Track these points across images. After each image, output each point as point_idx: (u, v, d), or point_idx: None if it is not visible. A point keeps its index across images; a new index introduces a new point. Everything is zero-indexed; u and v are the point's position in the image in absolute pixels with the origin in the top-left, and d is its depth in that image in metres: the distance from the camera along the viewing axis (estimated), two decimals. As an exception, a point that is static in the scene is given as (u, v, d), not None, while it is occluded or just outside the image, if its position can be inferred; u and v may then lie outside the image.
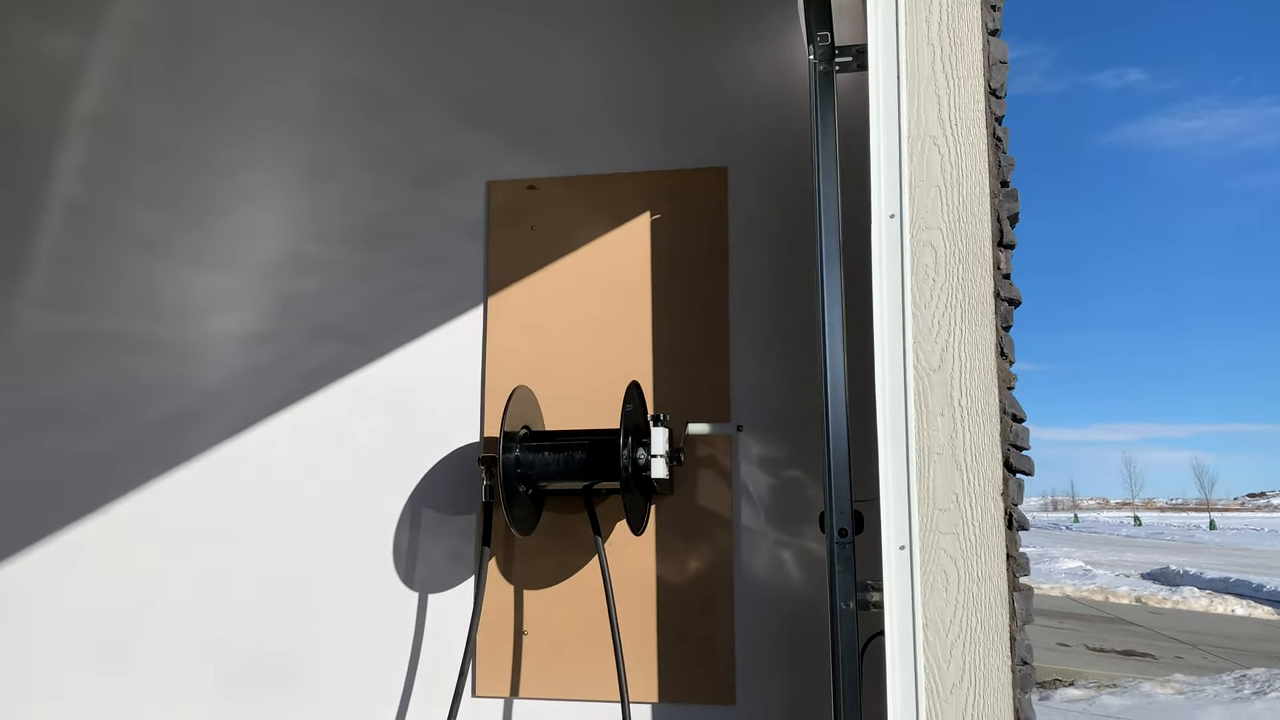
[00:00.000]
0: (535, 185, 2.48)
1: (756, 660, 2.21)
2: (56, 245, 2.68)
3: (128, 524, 2.54)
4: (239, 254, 2.60)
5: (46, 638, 2.51)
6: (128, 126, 2.70)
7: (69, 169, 2.70)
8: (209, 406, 2.56)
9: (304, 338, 2.55)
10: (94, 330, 2.64)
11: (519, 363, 2.40)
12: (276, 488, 2.50)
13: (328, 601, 2.42)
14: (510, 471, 2.09)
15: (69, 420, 2.61)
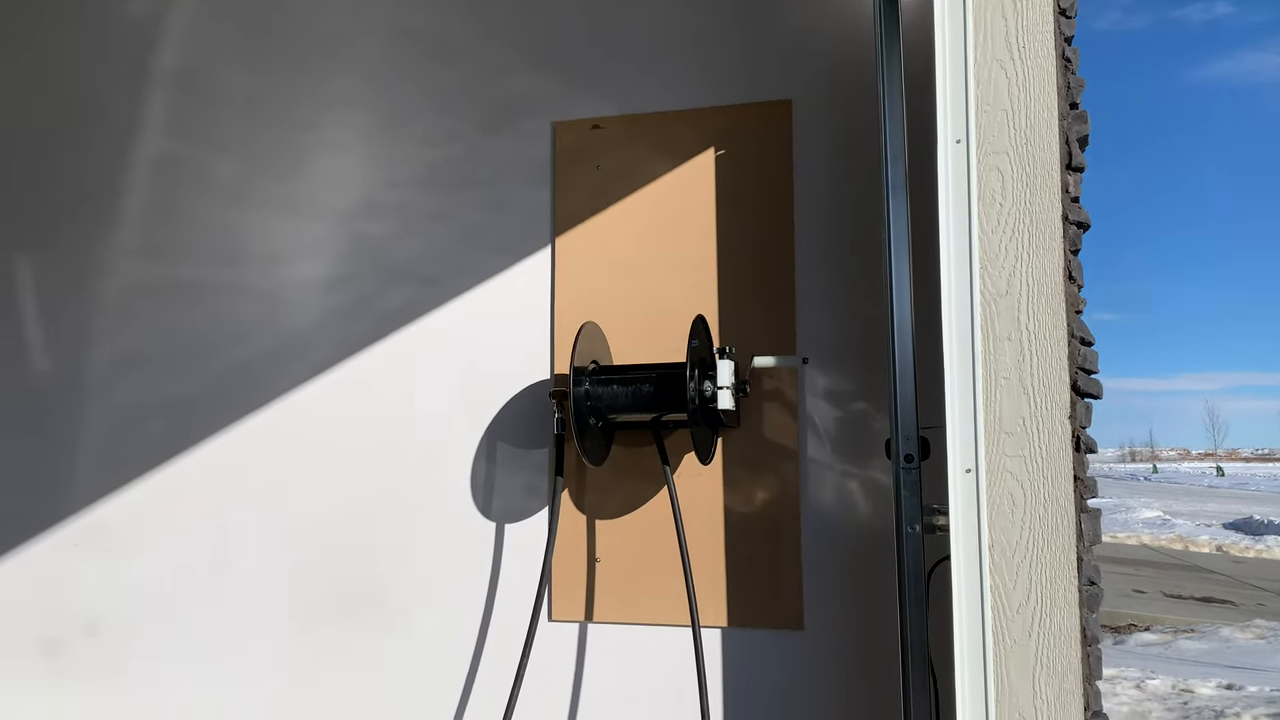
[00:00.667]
0: (600, 124, 2.51)
1: (823, 587, 2.26)
2: (146, 198, 2.80)
3: (217, 463, 2.67)
4: (318, 201, 2.69)
5: (145, 569, 2.67)
6: (210, 82, 2.79)
7: (156, 124, 2.81)
8: (291, 349, 2.67)
9: (380, 281, 2.63)
10: (182, 278, 2.76)
11: (587, 300, 2.46)
12: (358, 425, 2.60)
13: (409, 533, 2.53)
14: (581, 405, 2.16)
15: (160, 365, 2.74)
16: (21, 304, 2.83)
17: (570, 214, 2.51)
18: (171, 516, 2.67)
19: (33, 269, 2.83)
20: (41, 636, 2.69)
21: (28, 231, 2.84)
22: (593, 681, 2.38)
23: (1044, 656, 1.69)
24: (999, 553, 1.71)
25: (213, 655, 2.60)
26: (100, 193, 2.81)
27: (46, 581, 2.70)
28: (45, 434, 2.76)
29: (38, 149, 2.87)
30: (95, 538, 2.70)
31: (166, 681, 2.61)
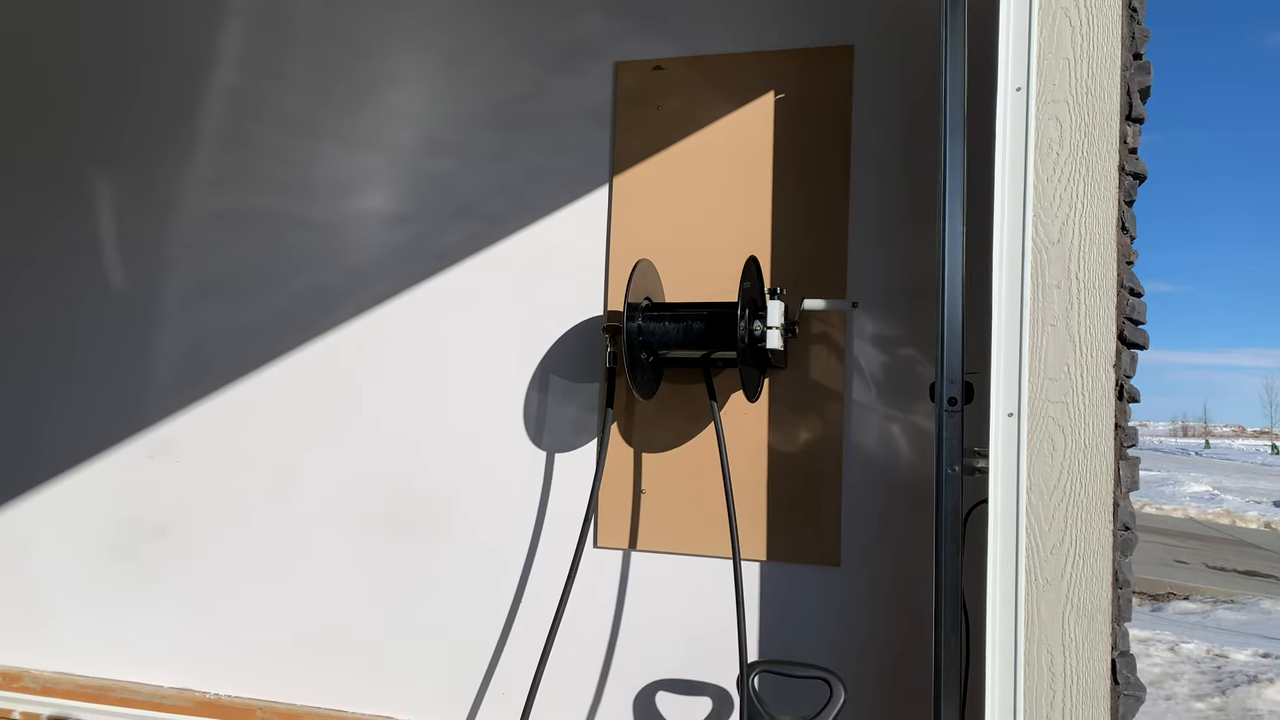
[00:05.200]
0: (662, 66, 2.54)
1: (862, 525, 2.32)
2: (218, 128, 2.90)
3: (282, 385, 2.79)
4: (383, 136, 2.76)
5: (213, 481, 2.81)
6: (281, 14, 2.86)
7: (229, 56, 2.89)
8: (355, 279, 2.76)
9: (441, 216, 2.70)
10: (251, 208, 2.86)
11: (642, 239, 2.51)
12: (418, 354, 2.70)
13: (465, 458, 2.63)
14: (633, 339, 2.22)
15: (229, 291, 2.85)
16: (102, 230, 2.95)
17: (629, 154, 2.56)
18: (239, 434, 2.80)
19: (114, 196, 2.95)
20: (117, 539, 2.86)
21: (109, 160, 2.96)
22: (633, 606, 2.48)
23: (1074, 597, 1.74)
24: (1036, 495, 1.76)
25: (274, 562, 2.74)
26: (177, 123, 2.91)
27: (123, 488, 2.86)
28: (124, 352, 2.90)
29: (121, 81, 2.97)
30: (167, 450, 2.84)
31: (230, 585, 2.76)
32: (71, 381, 2.93)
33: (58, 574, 2.91)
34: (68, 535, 2.90)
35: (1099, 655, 1.73)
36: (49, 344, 2.96)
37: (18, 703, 2.84)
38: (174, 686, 2.78)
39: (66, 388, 2.94)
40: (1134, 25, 1.80)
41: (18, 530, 2.94)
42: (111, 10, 3.00)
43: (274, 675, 2.72)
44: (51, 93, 3.03)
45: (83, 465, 2.89)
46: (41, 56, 3.05)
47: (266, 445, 2.78)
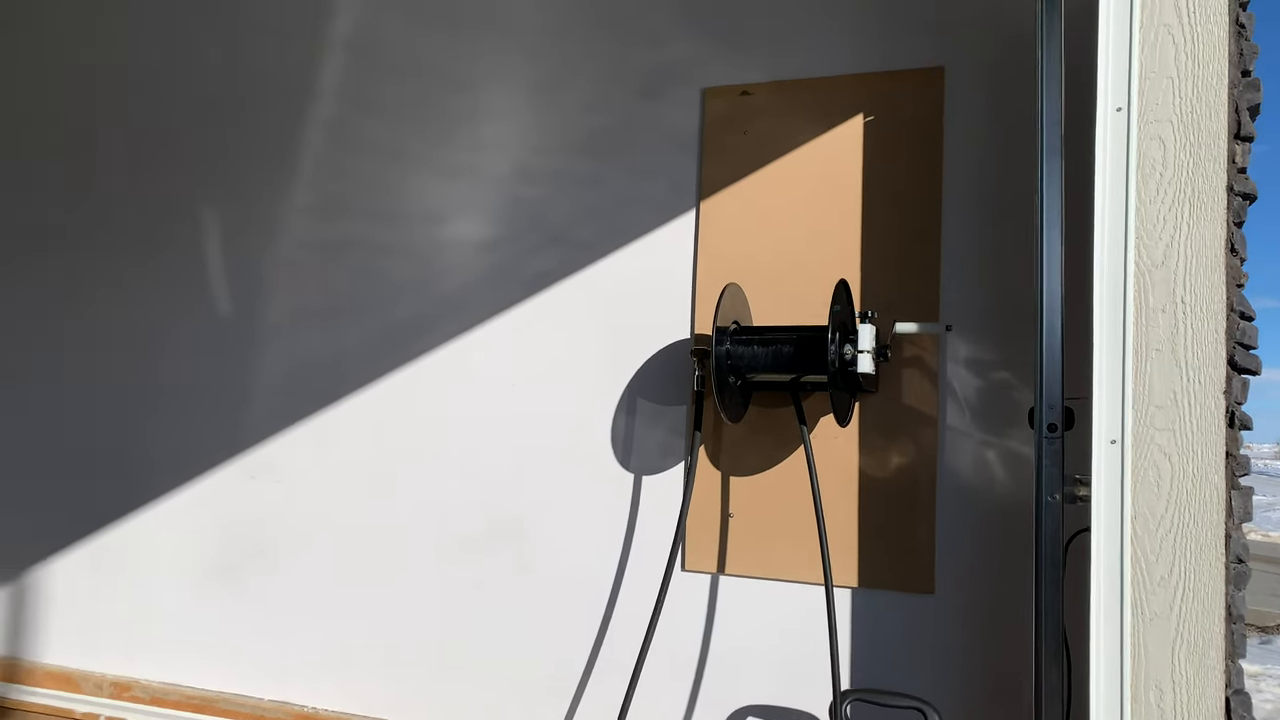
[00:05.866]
0: (749, 91, 2.56)
1: (957, 552, 2.28)
2: (317, 160, 3.01)
3: (377, 409, 2.87)
4: (476, 165, 2.83)
5: (317, 499, 2.90)
6: (377, 48, 2.96)
7: (328, 89, 3.00)
8: (447, 305, 2.83)
9: (531, 242, 2.76)
10: (348, 236, 2.96)
11: (728, 263, 2.52)
12: (507, 378, 2.75)
13: (554, 480, 2.67)
14: (722, 363, 2.23)
15: (329, 316, 2.95)
16: (210, 256, 3.08)
17: (716, 178, 2.57)
18: (334, 455, 2.88)
19: (220, 225, 3.08)
20: (221, 556, 2.96)
21: (218, 189, 3.09)
22: (721, 630, 2.47)
23: (1185, 631, 1.68)
24: (1141, 525, 1.71)
25: (369, 581, 2.81)
26: (279, 155, 3.03)
27: (226, 507, 2.97)
28: (227, 375, 3.02)
29: (231, 116, 3.11)
30: (268, 470, 2.94)
31: (326, 602, 2.84)
32: (180, 403, 3.06)
33: (166, 588, 3.03)
34: (175, 551, 3.02)
35: (1211, 693, 1.67)
36: (159, 367, 3.10)
37: (128, 711, 2.96)
38: (274, 700, 2.86)
39: (175, 408, 3.07)
40: (1242, 42, 1.75)
41: (130, 545, 3.08)
42: (224, 49, 3.14)
43: (366, 691, 2.78)
44: (168, 129, 3.18)
45: (190, 484, 3.01)
46: (163, 95, 3.21)
47: (361, 467, 2.85)
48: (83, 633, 3.11)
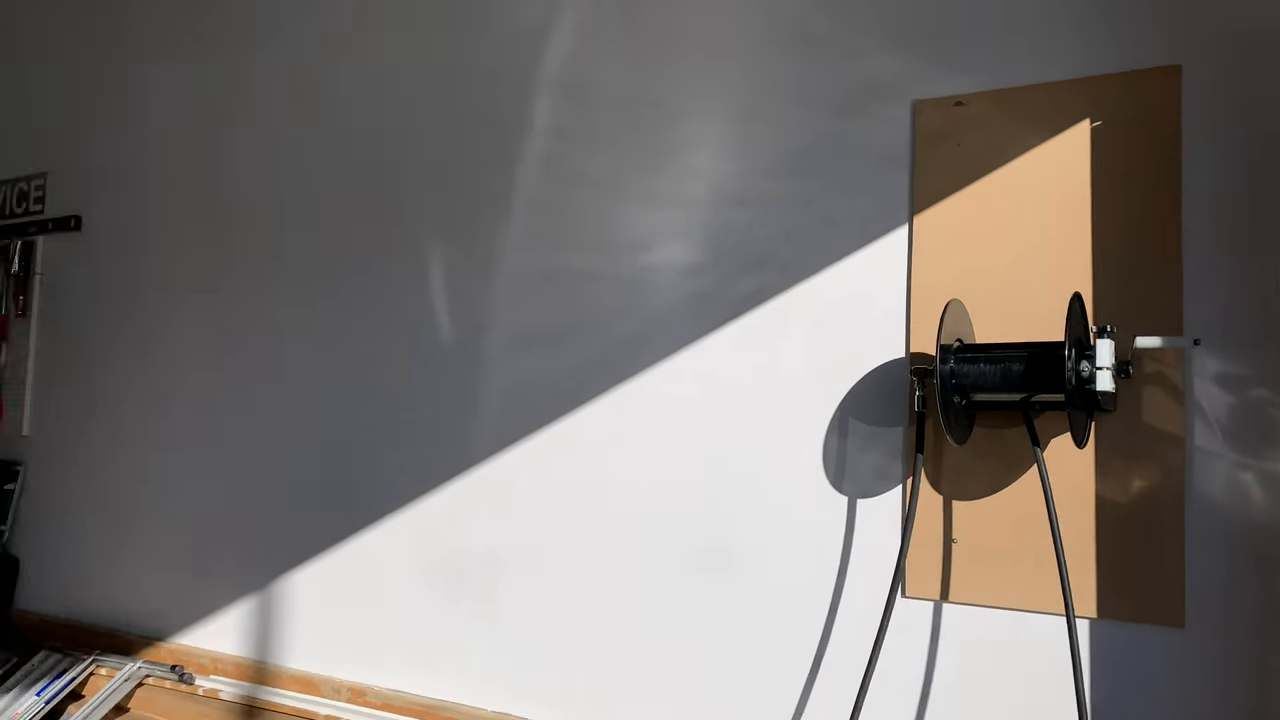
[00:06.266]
0: (963, 101, 2.49)
1: (1209, 583, 2.11)
2: (533, 193, 3.14)
3: (589, 429, 2.95)
4: (683, 193, 2.88)
5: (537, 515, 3.01)
6: (586, 84, 3.08)
7: (541, 125, 3.14)
8: (655, 329, 2.88)
9: (737, 266, 2.78)
10: (561, 266, 3.07)
11: (946, 279, 2.45)
12: (714, 401, 2.77)
13: (763, 504, 2.66)
14: (946, 382, 2.17)
15: (544, 342, 3.07)
16: (433, 287, 3.28)
17: (929, 193, 2.51)
18: (552, 474, 2.99)
19: (443, 258, 3.27)
20: (447, 570, 3.12)
21: (440, 224, 3.29)
22: (946, 660, 2.39)
23: None
24: None
25: (588, 597, 2.88)
26: (497, 190, 3.18)
27: (453, 523, 3.13)
28: (453, 398, 3.19)
29: (454, 155, 3.30)
30: (491, 486, 3.08)
31: (547, 616, 2.94)
32: (408, 426, 3.26)
33: (397, 600, 3.22)
34: (406, 564, 3.21)
35: None
36: (393, 390, 3.31)
37: (364, 716, 3.15)
38: (495, 710, 2.98)
39: (408, 427, 3.27)
40: None
41: (365, 558, 3.29)
42: (439, 93, 3.34)
43: (581, 708, 2.85)
44: (395, 168, 3.41)
45: (419, 500, 3.20)
46: (386, 138, 3.45)
47: (576, 485, 2.94)
48: (323, 639, 3.35)
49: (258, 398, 3.62)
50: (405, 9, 3.45)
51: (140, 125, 4.09)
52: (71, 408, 4.18)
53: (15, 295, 4.35)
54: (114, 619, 3.87)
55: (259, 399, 3.62)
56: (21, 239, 4.36)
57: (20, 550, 4.23)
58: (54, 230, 4.29)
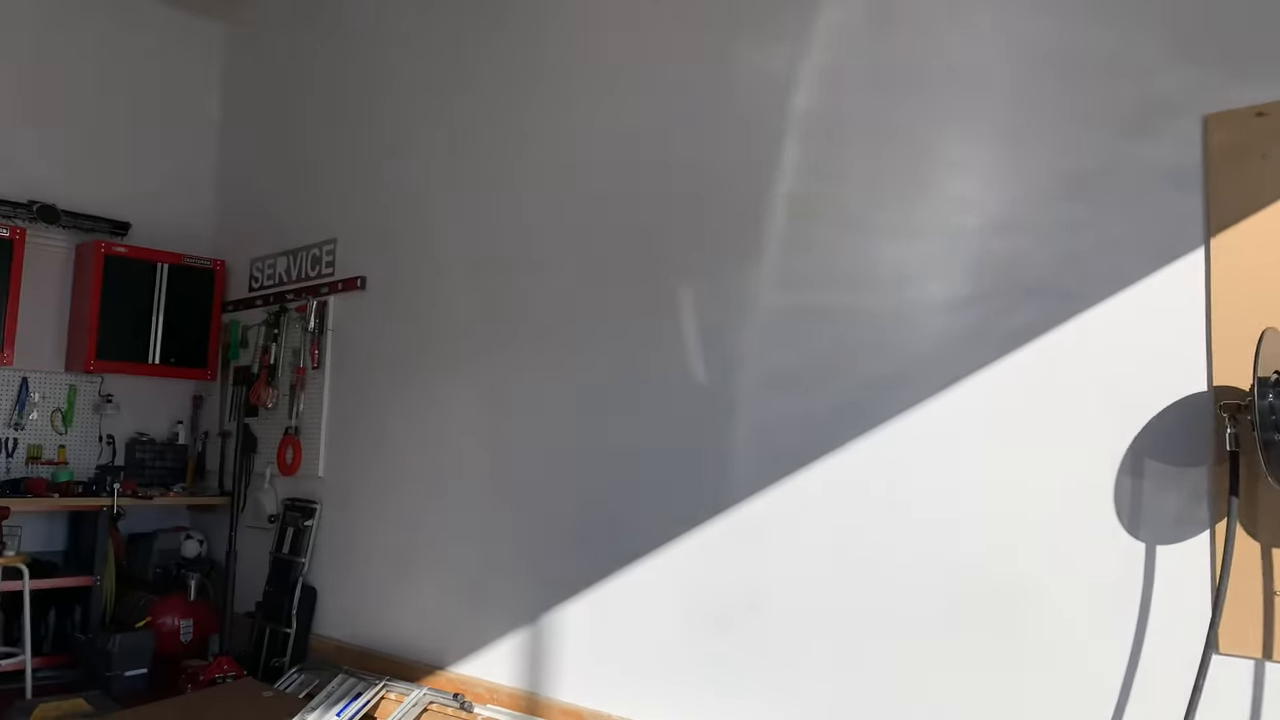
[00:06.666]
0: (1264, 111, 2.28)
1: None
2: (782, 231, 3.16)
3: (852, 470, 2.90)
4: (943, 223, 2.81)
5: (791, 555, 2.99)
6: (837, 121, 3.07)
7: (790, 164, 3.16)
8: (918, 367, 2.81)
9: (1007, 297, 2.66)
10: (815, 304, 3.06)
11: (1253, 305, 2.23)
12: (986, 441, 2.65)
13: (1045, 550, 2.51)
14: (1265, 418, 1.97)
15: (800, 382, 3.06)
16: (685, 329, 3.35)
17: (1228, 212, 2.31)
18: (809, 516, 2.96)
19: (694, 299, 3.34)
20: (713, 605, 3.15)
21: (691, 266, 3.37)
22: (1274, 727, 2.14)
23: None
24: None
25: (853, 636, 2.82)
26: (746, 230, 3.23)
27: (715, 559, 3.16)
28: (705, 438, 3.24)
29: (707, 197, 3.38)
30: (748, 528, 3.09)
31: (813, 652, 2.90)
32: (669, 463, 3.34)
33: (658, 637, 3.28)
34: (667, 602, 3.27)
35: None
36: (649, 431, 3.41)
37: (631, 751, 3.23)
38: (761, 754, 2.96)
39: (665, 468, 3.35)
40: None
41: (631, 594, 3.38)
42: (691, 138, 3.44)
43: (855, 755, 2.78)
44: (648, 214, 3.54)
45: (678, 540, 3.26)
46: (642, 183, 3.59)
47: (833, 528, 2.90)
48: (590, 673, 3.46)
49: (524, 442, 3.83)
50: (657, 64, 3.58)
51: (415, 191, 4.48)
52: (360, 451, 4.59)
53: (311, 349, 4.85)
54: (399, 646, 4.19)
55: (525, 443, 3.83)
56: (316, 299, 4.87)
57: (317, 581, 4.67)
58: (342, 290, 4.77)
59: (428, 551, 4.16)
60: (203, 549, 5.30)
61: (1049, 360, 2.57)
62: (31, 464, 5.08)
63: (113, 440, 5.38)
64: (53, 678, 4.61)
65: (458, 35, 4.39)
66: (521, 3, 4.11)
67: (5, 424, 5.03)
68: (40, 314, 5.12)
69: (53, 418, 5.19)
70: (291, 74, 5.43)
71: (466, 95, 4.29)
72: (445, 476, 4.14)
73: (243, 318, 5.43)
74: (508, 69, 4.13)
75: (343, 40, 5.06)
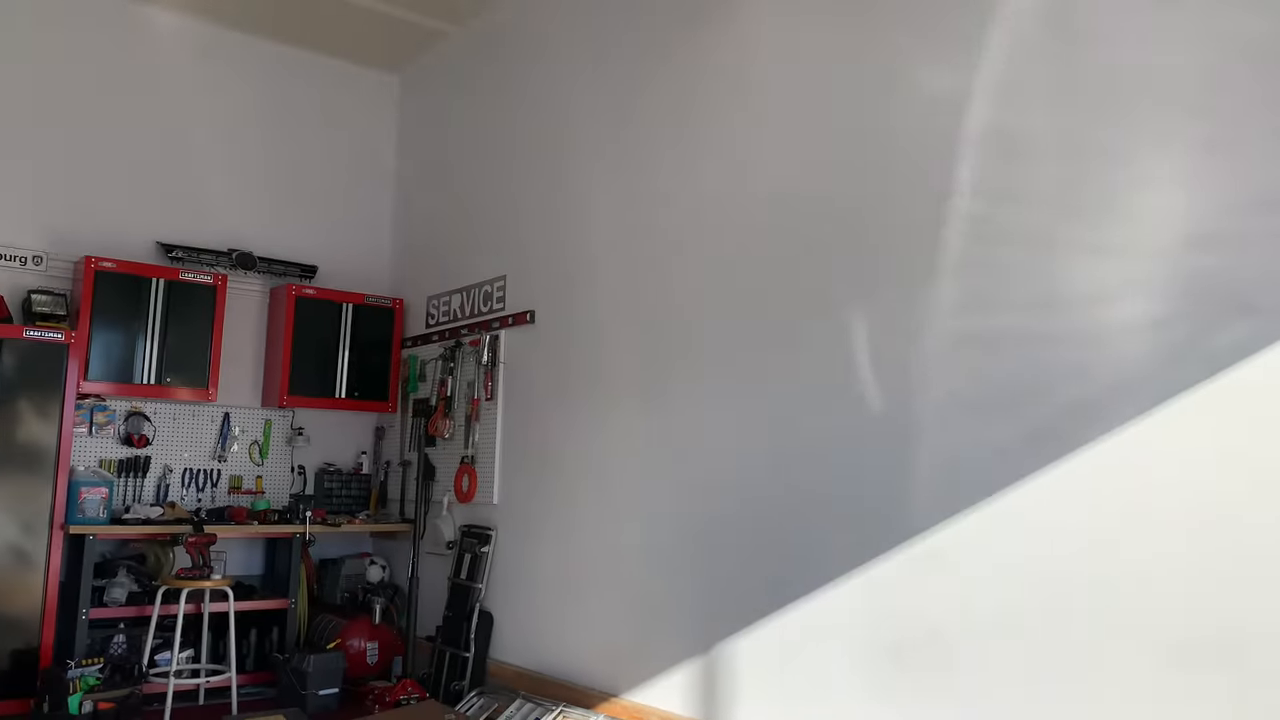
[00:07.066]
0: None
1: None
2: (958, 254, 3.06)
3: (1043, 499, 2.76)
4: (1135, 239, 2.65)
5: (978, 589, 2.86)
6: (1014, 137, 2.96)
7: (965, 183, 3.06)
8: (1113, 391, 2.65)
9: (1212, 315, 2.48)
10: (996, 327, 2.94)
11: None
12: (1195, 466, 2.47)
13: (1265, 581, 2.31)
14: None
15: (979, 410, 2.94)
16: (857, 356, 3.29)
17: None
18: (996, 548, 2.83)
19: (867, 325, 3.28)
20: (895, 641, 3.06)
21: (861, 292, 3.31)
22: None
23: None
24: None
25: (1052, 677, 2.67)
26: (918, 252, 3.14)
27: (897, 593, 3.07)
28: (884, 467, 3.16)
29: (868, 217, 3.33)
30: (931, 561, 2.99)
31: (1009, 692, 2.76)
32: (842, 493, 3.27)
33: (838, 667, 3.20)
34: (846, 633, 3.19)
35: None
36: (820, 460, 3.36)
37: (812, 788, 3.15)
38: (952, 797, 2.84)
39: (838, 498, 3.28)
40: None
41: (806, 626, 3.33)
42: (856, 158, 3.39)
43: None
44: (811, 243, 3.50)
45: (857, 570, 3.18)
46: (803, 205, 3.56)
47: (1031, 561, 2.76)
48: (766, 707, 3.41)
49: (693, 471, 3.84)
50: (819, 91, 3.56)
51: (580, 226, 4.60)
52: (532, 479, 4.72)
53: (484, 381, 5.03)
54: (573, 672, 4.25)
55: (694, 472, 3.84)
56: (488, 333, 5.05)
57: (494, 606, 4.81)
58: (513, 324, 4.93)
59: (598, 578, 4.22)
60: (385, 574, 5.56)
61: (1269, 381, 2.38)
62: (233, 493, 5.47)
63: (303, 470, 5.73)
64: (254, 694, 4.93)
65: (621, 74, 4.49)
66: (684, 43, 4.17)
67: (210, 456, 5.44)
68: (239, 353, 5.53)
69: (251, 450, 5.57)
70: (459, 120, 5.69)
71: (630, 130, 4.38)
72: (614, 504, 4.20)
73: (420, 353, 5.69)
74: (670, 104, 4.19)
75: (508, 86, 5.26)
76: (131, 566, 4.93)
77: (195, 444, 5.41)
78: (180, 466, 5.34)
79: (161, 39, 5.51)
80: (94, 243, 5.15)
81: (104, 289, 4.91)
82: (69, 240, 5.11)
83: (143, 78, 5.43)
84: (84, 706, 4.20)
